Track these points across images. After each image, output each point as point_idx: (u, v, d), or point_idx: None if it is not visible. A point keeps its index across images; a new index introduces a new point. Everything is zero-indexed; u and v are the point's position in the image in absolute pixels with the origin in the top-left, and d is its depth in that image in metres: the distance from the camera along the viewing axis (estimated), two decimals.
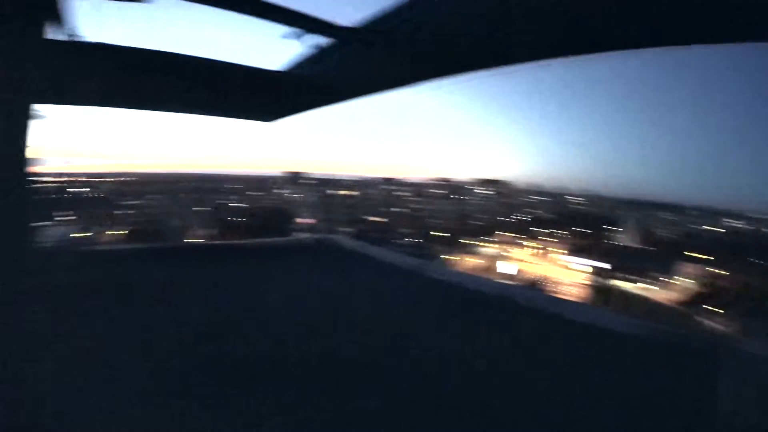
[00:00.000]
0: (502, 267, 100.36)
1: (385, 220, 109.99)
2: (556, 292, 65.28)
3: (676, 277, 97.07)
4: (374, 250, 15.08)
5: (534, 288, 68.98)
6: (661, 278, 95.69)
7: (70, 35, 5.37)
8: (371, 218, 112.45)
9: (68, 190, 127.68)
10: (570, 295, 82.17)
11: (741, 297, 75.22)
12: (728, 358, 6.96)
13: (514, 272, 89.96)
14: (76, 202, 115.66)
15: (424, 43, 4.67)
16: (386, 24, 4.92)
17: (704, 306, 75.22)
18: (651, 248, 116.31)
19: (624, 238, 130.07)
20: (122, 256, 12.43)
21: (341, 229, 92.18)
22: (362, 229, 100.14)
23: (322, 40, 5.83)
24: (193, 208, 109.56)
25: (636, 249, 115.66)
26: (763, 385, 4.30)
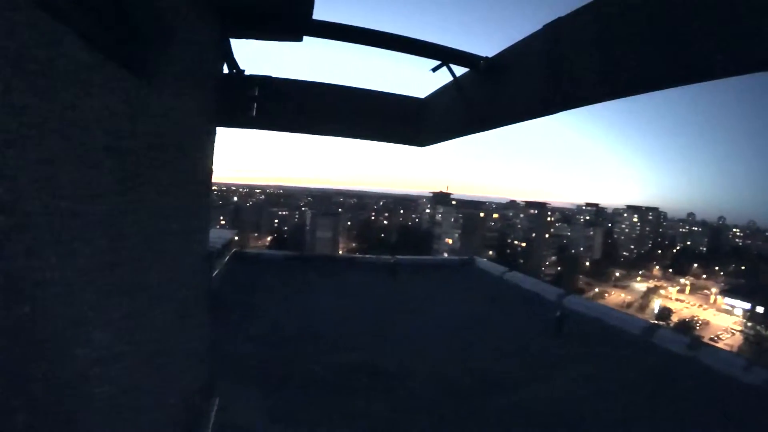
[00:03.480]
0: (648, 303, 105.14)
1: (525, 244, 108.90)
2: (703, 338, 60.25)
3: None
4: (516, 276, 15.63)
5: (678, 330, 65.42)
6: None
7: (237, 70, 4.97)
8: (514, 242, 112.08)
9: (228, 198, 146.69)
10: (719, 342, 75.51)
11: None
12: None
13: (660, 310, 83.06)
14: (232, 210, 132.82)
15: (560, 71, 3.49)
16: (521, 53, 4.09)
17: None
18: None
19: None
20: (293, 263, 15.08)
21: (484, 250, 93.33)
22: (504, 252, 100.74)
23: (463, 71, 4.83)
24: (341, 222, 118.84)
25: None
26: None
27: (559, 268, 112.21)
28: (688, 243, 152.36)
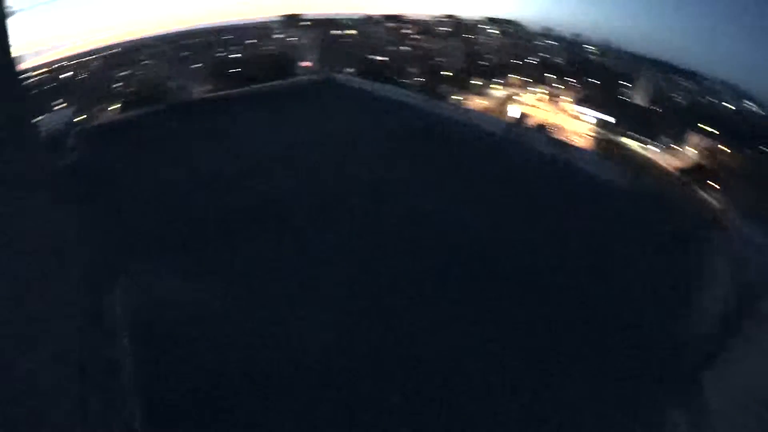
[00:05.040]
0: (508, 109, 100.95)
1: (386, 59, 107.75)
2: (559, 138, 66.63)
3: (680, 144, 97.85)
4: (377, 88, 16.48)
5: (537, 131, 72.04)
6: (665, 142, 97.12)
7: None
8: (373, 57, 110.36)
9: (59, 77, 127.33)
10: (573, 143, 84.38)
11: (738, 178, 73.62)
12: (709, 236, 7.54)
13: (520, 115, 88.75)
14: (67, 87, 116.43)
15: None
16: None
17: (702, 178, 75.25)
18: (661, 110, 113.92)
19: (635, 95, 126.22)
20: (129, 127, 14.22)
21: (342, 69, 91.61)
22: (364, 69, 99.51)
23: None
24: (191, 65, 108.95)
25: (645, 108, 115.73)
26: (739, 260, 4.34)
27: (421, 80, 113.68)
28: (546, 56, 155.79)
